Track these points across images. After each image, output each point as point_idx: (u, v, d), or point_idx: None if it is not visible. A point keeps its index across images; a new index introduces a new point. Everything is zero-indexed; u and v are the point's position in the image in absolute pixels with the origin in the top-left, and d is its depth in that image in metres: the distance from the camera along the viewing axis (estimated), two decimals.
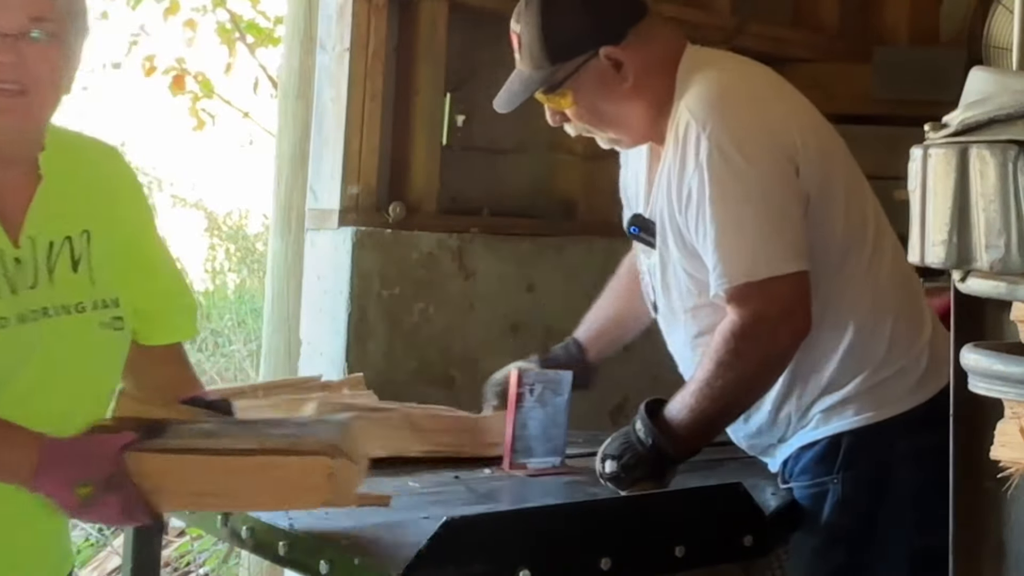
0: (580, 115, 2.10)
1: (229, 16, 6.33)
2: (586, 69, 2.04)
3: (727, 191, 1.91)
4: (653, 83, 2.04)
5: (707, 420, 1.97)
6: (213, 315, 7.82)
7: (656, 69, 2.05)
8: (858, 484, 2.00)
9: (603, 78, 2.04)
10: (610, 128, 2.12)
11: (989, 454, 1.26)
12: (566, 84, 2.05)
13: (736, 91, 2.02)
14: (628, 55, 2.03)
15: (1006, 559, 1.33)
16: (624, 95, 2.05)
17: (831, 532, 2.01)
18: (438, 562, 1.53)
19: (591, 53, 2.03)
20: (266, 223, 7.03)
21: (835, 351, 2.02)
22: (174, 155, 8.53)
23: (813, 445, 2.04)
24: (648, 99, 2.05)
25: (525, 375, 2.22)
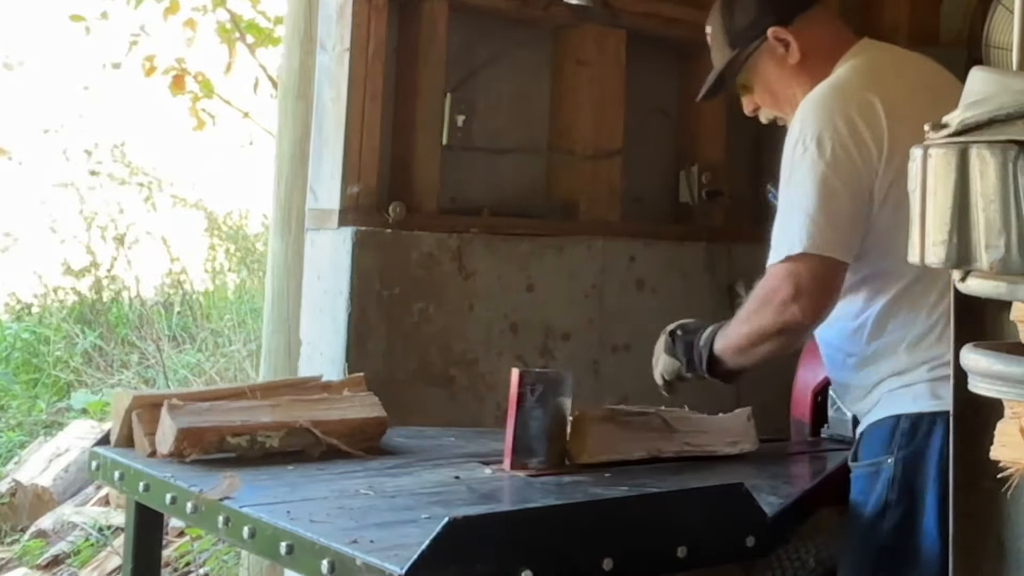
0: (761, 97, 2.41)
1: (229, 16, 6.32)
2: (759, 51, 2.34)
3: (797, 176, 2.13)
4: (816, 66, 2.29)
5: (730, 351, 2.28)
6: (213, 315, 7.82)
7: (819, 54, 2.31)
8: (909, 466, 2.11)
9: (773, 57, 2.33)
10: (785, 106, 2.36)
11: (989, 454, 1.26)
12: (746, 66, 2.36)
13: (843, 92, 2.20)
14: (794, 36, 2.31)
15: (1006, 559, 1.34)
16: (791, 73, 2.32)
17: (882, 508, 2.12)
18: (440, 562, 1.53)
19: (763, 37, 2.33)
20: (266, 223, 7.04)
21: (905, 338, 2.17)
22: (174, 155, 8.51)
23: (877, 425, 2.20)
24: (811, 79, 2.28)
25: (526, 375, 2.22)
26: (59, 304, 8.04)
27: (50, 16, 9.00)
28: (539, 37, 3.35)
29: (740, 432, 2.39)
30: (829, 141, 2.11)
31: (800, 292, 2.10)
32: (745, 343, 2.24)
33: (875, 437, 2.19)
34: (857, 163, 2.11)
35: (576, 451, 2.20)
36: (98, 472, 2.32)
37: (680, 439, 2.30)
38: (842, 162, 2.11)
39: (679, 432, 2.31)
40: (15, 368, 7.29)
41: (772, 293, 2.14)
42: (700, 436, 2.33)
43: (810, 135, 2.13)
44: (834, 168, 2.10)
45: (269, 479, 2.06)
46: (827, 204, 2.10)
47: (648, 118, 3.52)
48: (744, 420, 2.41)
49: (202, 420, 2.19)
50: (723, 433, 2.37)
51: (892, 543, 2.10)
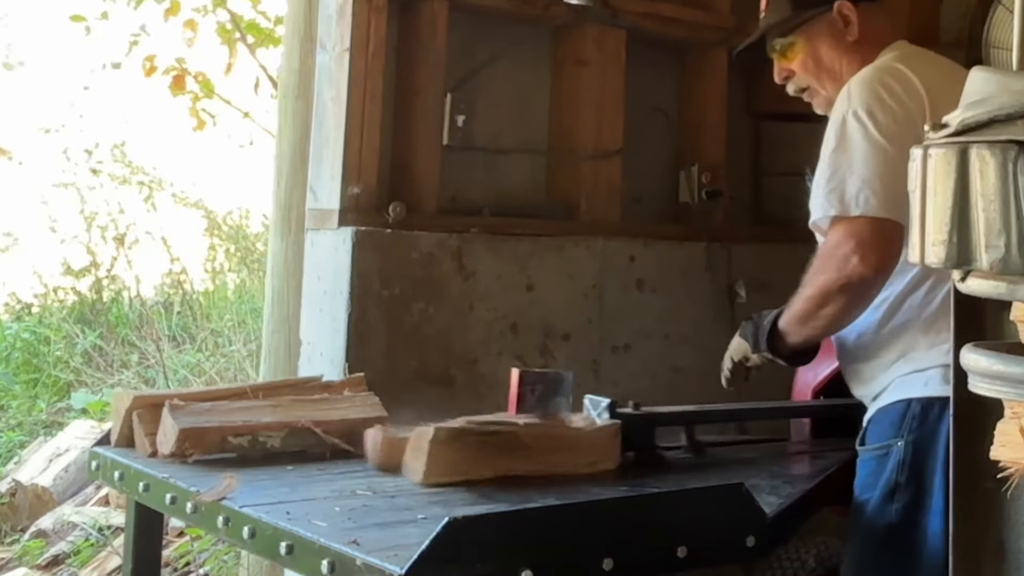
0: (805, 64, 2.42)
1: (229, 16, 6.32)
2: (820, 19, 2.40)
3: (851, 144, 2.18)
4: (867, 50, 2.37)
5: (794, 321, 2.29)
6: (213, 315, 7.81)
7: (872, 40, 2.39)
8: (918, 450, 2.14)
9: (832, 29, 2.39)
10: (828, 81, 2.40)
11: (989, 454, 1.26)
12: (800, 30, 2.40)
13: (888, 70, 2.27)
14: (857, 15, 2.39)
15: (1006, 559, 1.34)
16: (846, 49, 2.39)
17: (891, 491, 2.15)
18: (440, 562, 1.53)
19: (827, 6, 2.40)
20: (266, 223, 7.03)
21: (918, 319, 2.22)
22: (174, 155, 8.52)
23: (887, 409, 2.22)
24: (860, 61, 2.34)
25: (525, 375, 2.23)
26: (59, 304, 8.04)
27: (50, 16, 9.01)
28: (539, 37, 3.35)
29: (602, 450, 2.23)
30: (882, 114, 2.18)
31: (862, 246, 2.13)
32: (810, 307, 2.24)
33: (885, 421, 2.21)
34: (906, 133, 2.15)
35: (414, 469, 2.06)
36: (98, 472, 2.33)
37: (535, 458, 2.14)
38: (894, 133, 2.16)
39: (533, 450, 2.14)
40: (15, 368, 7.30)
41: (834, 248, 2.17)
42: (556, 455, 2.17)
43: (862, 108, 2.18)
44: (887, 138, 2.16)
45: (269, 479, 2.06)
46: (884, 170, 2.14)
47: (648, 118, 3.52)
48: (609, 436, 2.24)
49: (203, 420, 2.19)
50: (583, 451, 2.21)
51: (901, 525, 2.12)
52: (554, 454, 2.16)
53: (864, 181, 2.14)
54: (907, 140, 2.12)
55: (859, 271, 2.14)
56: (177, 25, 6.46)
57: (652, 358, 3.32)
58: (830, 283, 2.18)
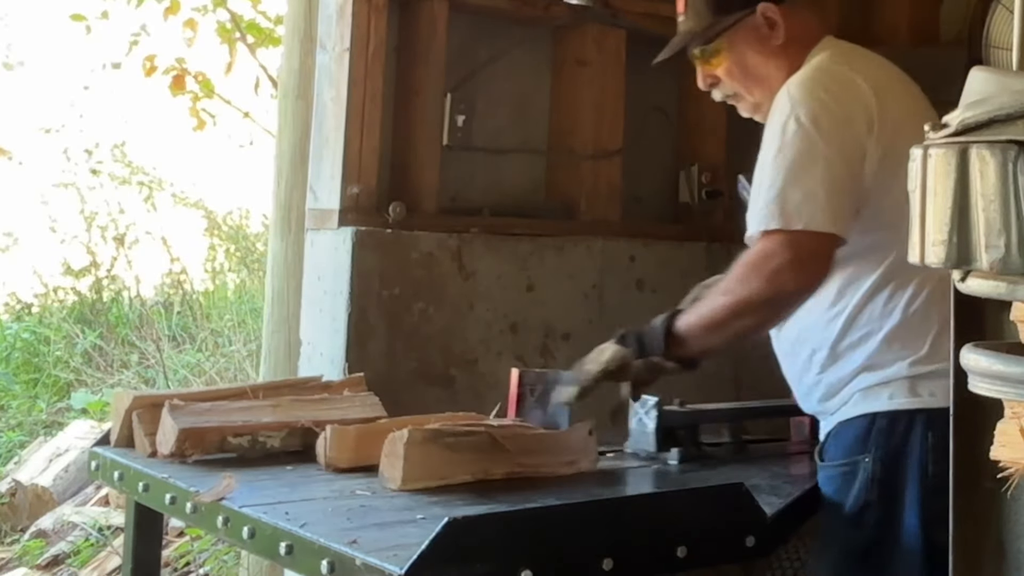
0: (731, 71, 2.30)
1: (229, 16, 6.32)
2: (743, 24, 2.26)
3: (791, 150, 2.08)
4: (795, 51, 2.25)
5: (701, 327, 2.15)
6: (213, 315, 7.81)
7: (800, 40, 2.26)
8: (887, 465, 2.07)
9: (757, 33, 2.26)
10: (755, 87, 2.29)
11: (989, 454, 1.26)
12: (724, 36, 2.27)
13: (829, 74, 2.18)
14: (782, 16, 2.26)
15: (1006, 559, 1.33)
16: (773, 52, 2.26)
17: (860, 509, 2.08)
18: (440, 562, 1.53)
19: (750, 9, 2.26)
20: (266, 223, 7.03)
21: (879, 331, 2.12)
22: (174, 155, 8.52)
23: (850, 423, 2.13)
24: (788, 65, 2.24)
25: (525, 375, 2.23)
26: (59, 304, 8.04)
27: (50, 16, 9.01)
28: (539, 37, 3.35)
29: (579, 449, 2.21)
30: (824, 119, 2.09)
31: (797, 260, 2.04)
32: (725, 315, 2.11)
33: (848, 435, 2.13)
34: (850, 140, 2.09)
35: (391, 476, 2.02)
36: (98, 472, 2.33)
37: (511, 459, 2.11)
38: (836, 139, 2.08)
39: (509, 452, 2.11)
40: (15, 368, 7.30)
41: (764, 260, 2.06)
42: (533, 456, 2.15)
43: (803, 113, 2.09)
44: (829, 144, 2.08)
45: (269, 479, 2.07)
46: (825, 179, 2.06)
47: (648, 118, 3.52)
48: (584, 435, 2.22)
49: (203, 420, 2.20)
50: (560, 451, 2.19)
51: (873, 543, 2.06)
52: (530, 455, 2.14)
53: (806, 192, 2.05)
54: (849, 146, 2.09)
55: (789, 288, 2.05)
56: (177, 25, 6.46)
57: None
58: (754, 295, 2.07)
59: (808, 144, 2.07)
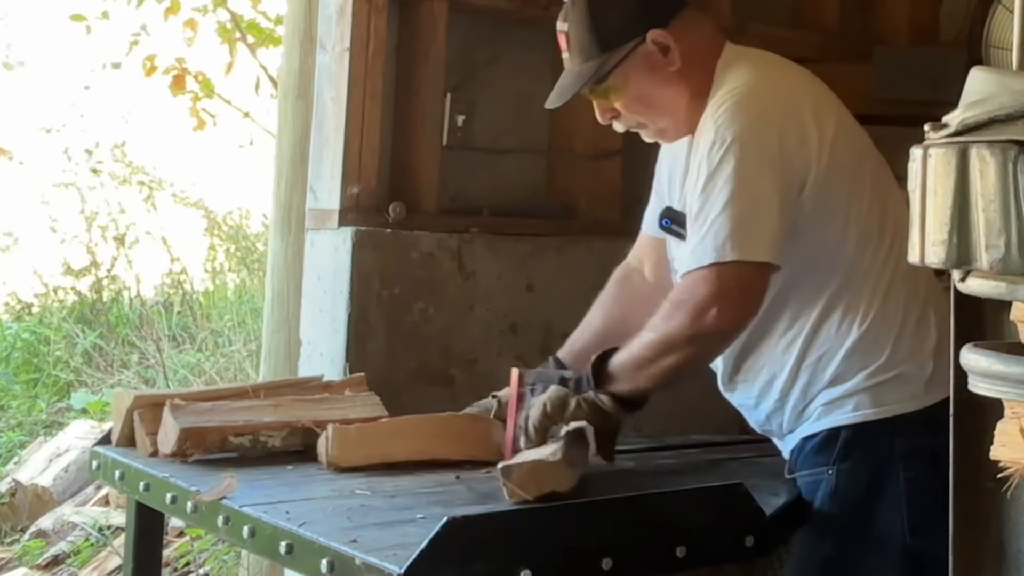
0: (629, 105, 2.17)
1: (230, 16, 6.32)
2: (635, 55, 2.12)
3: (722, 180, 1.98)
4: (696, 71, 2.13)
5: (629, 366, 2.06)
6: (213, 315, 7.81)
7: (698, 57, 2.13)
8: (852, 477, 2.04)
9: (651, 62, 2.12)
10: (659, 116, 2.18)
11: (989, 454, 1.26)
12: (617, 71, 2.13)
13: (756, 91, 2.07)
14: (674, 39, 2.12)
15: (1006, 559, 1.33)
16: (670, 79, 2.13)
17: (823, 523, 2.04)
18: (439, 562, 1.53)
19: (639, 39, 2.12)
20: (266, 223, 7.03)
21: (841, 347, 2.07)
22: (174, 155, 8.52)
23: (814, 437, 2.09)
24: (691, 86, 2.13)
25: (526, 375, 2.22)
26: (59, 304, 8.04)
27: (50, 16, 9.01)
28: (539, 37, 3.34)
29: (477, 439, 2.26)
30: (753, 142, 1.99)
31: (721, 295, 1.95)
32: (649, 354, 2.03)
33: (810, 448, 2.09)
34: (782, 163, 2.00)
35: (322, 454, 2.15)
36: (99, 472, 2.33)
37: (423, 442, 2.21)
38: (767, 163, 1.99)
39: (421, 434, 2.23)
40: (15, 368, 7.30)
41: (688, 295, 1.98)
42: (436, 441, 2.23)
43: (731, 136, 1.98)
44: (759, 168, 1.98)
45: (269, 479, 2.07)
46: (754, 206, 1.97)
47: None
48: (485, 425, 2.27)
49: (204, 420, 2.20)
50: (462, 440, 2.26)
51: (835, 554, 2.03)
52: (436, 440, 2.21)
53: (733, 219, 1.95)
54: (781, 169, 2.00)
55: (714, 325, 1.96)
56: (177, 24, 6.46)
57: None
58: (676, 333, 1.98)
59: (735, 170, 1.97)
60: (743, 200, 1.97)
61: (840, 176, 2.06)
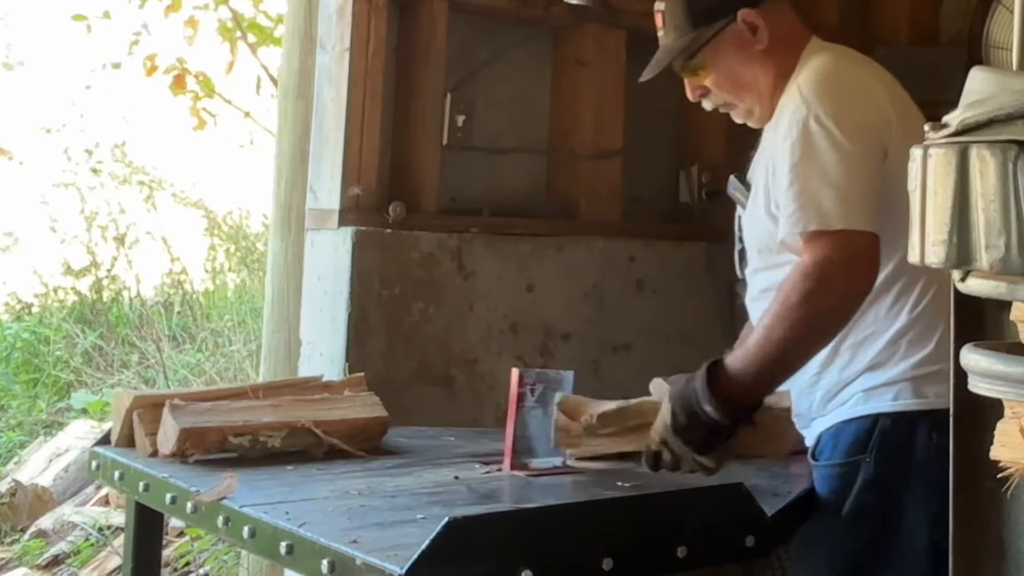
0: (718, 82, 2.25)
1: (231, 15, 6.32)
2: (725, 33, 2.21)
3: (819, 152, 2.04)
4: (782, 53, 2.21)
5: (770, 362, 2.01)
6: (213, 315, 7.81)
7: (785, 41, 2.22)
8: (888, 467, 2.04)
9: (740, 41, 2.21)
10: (745, 94, 2.26)
11: (989, 454, 1.26)
12: (707, 47, 2.21)
13: (844, 75, 2.16)
14: (763, 20, 2.20)
15: (1006, 559, 1.33)
16: (758, 57, 2.21)
17: (857, 511, 2.05)
18: (440, 562, 1.53)
19: (730, 17, 2.20)
20: (266, 223, 7.03)
21: (885, 332, 2.09)
22: (174, 155, 8.52)
23: (851, 423, 2.10)
24: (776, 68, 2.21)
25: (526, 375, 2.22)
26: (59, 304, 8.04)
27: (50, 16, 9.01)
28: (539, 37, 3.35)
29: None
30: (844, 119, 2.05)
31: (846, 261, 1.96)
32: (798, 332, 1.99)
33: (848, 436, 2.09)
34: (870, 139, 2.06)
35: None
36: (98, 472, 2.33)
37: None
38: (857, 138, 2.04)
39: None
40: (15, 368, 7.30)
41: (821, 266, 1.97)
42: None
43: (824, 114, 2.04)
44: (853, 143, 2.03)
45: (269, 479, 2.07)
46: (856, 180, 2.01)
47: (648, 118, 3.52)
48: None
49: (204, 420, 2.20)
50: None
51: (870, 545, 2.03)
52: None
53: (840, 191, 2.00)
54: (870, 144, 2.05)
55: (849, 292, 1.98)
56: (178, 23, 6.46)
57: (652, 358, 3.32)
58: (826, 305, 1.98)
59: (832, 144, 2.03)
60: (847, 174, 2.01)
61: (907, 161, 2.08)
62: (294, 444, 2.26)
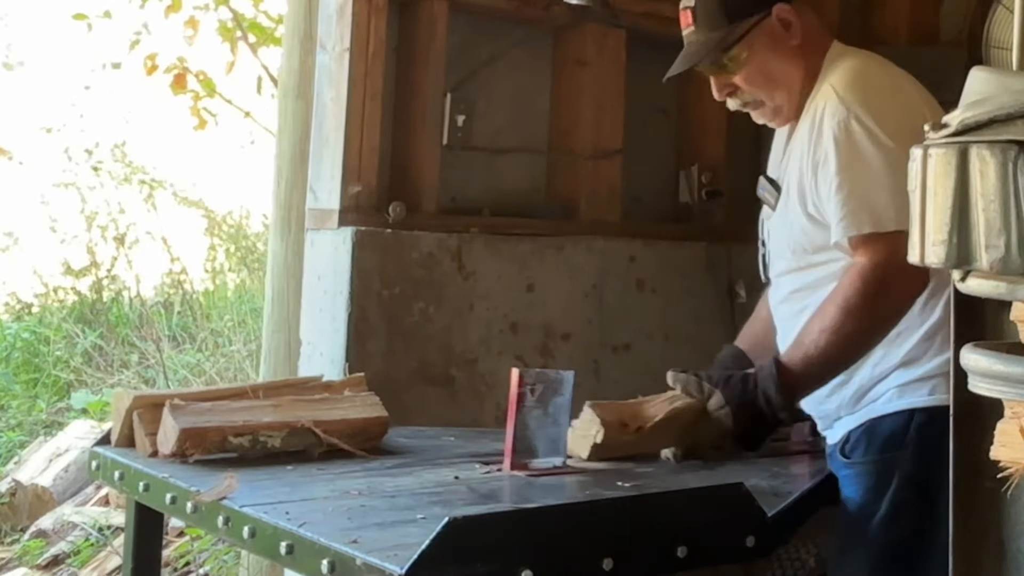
0: (750, 77, 2.25)
1: (231, 15, 6.31)
2: (760, 28, 2.23)
3: (865, 154, 2.05)
4: (812, 52, 2.24)
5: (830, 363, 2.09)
6: (213, 315, 7.81)
7: (814, 40, 2.25)
8: (926, 462, 2.04)
9: (774, 36, 2.23)
10: (777, 90, 2.26)
11: (989, 454, 1.26)
12: (742, 42, 2.22)
13: (878, 76, 2.19)
14: (797, 16, 2.24)
15: (1006, 559, 1.34)
16: (791, 53, 2.23)
17: (898, 506, 2.05)
18: (440, 562, 1.53)
19: (765, 12, 2.23)
20: (266, 223, 7.03)
21: (918, 328, 2.10)
22: (175, 154, 8.51)
23: (885, 419, 2.11)
24: (805, 65, 2.22)
25: (526, 375, 2.22)
26: (59, 304, 8.04)
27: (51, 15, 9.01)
28: (539, 37, 3.35)
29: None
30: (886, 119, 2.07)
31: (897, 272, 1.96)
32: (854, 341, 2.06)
33: (882, 432, 2.10)
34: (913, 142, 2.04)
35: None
36: (98, 472, 2.33)
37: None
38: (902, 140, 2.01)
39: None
40: (15, 368, 7.29)
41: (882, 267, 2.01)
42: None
43: (864, 114, 2.06)
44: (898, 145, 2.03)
45: (269, 479, 2.07)
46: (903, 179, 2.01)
47: (648, 118, 3.52)
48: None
49: (204, 420, 2.19)
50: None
51: (909, 542, 2.04)
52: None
53: (891, 193, 2.01)
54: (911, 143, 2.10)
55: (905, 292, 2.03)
56: (178, 23, 6.46)
57: (652, 358, 3.32)
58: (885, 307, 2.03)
59: (876, 144, 2.05)
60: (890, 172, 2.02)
61: None
62: (294, 444, 2.25)
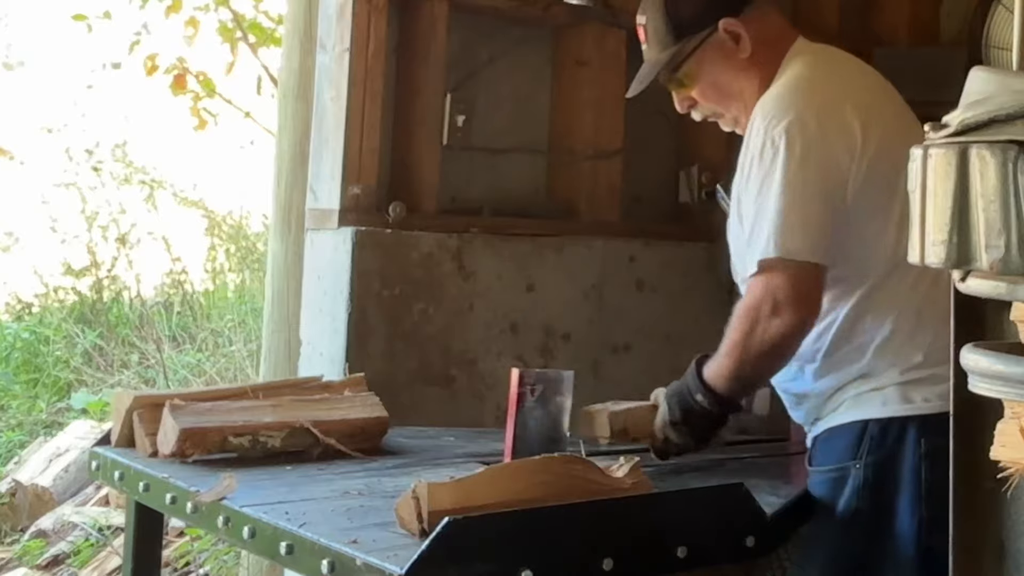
0: (704, 92, 2.26)
1: (231, 15, 6.32)
2: (708, 43, 2.21)
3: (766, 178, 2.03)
4: (766, 60, 2.20)
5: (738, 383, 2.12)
6: (213, 315, 7.81)
7: (769, 47, 2.21)
8: (879, 472, 2.04)
9: (723, 50, 2.20)
10: (731, 103, 2.25)
11: (989, 454, 1.26)
12: (691, 59, 2.22)
13: (808, 88, 2.13)
14: (745, 27, 2.20)
15: (1006, 559, 1.34)
16: (741, 66, 2.20)
17: (850, 518, 2.05)
18: (440, 562, 1.53)
19: (712, 28, 2.20)
20: (266, 223, 7.03)
21: (871, 344, 2.09)
22: (175, 155, 8.51)
23: (840, 429, 2.10)
24: (761, 75, 2.19)
25: (526, 375, 2.22)
26: (59, 304, 8.04)
27: (51, 16, 9.01)
28: (539, 37, 3.35)
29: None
30: (800, 139, 2.02)
31: (781, 304, 2.00)
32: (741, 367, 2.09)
33: (838, 442, 2.10)
34: (829, 161, 2.04)
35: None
36: (98, 472, 2.33)
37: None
38: (813, 161, 2.03)
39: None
40: (15, 368, 7.30)
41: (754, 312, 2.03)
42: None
43: (779, 134, 2.03)
44: (805, 167, 2.02)
45: (269, 479, 2.07)
46: (800, 206, 2.01)
47: (648, 118, 3.52)
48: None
49: (204, 420, 2.20)
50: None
51: (863, 550, 2.03)
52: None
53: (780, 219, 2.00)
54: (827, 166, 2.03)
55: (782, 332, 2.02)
56: (178, 23, 6.46)
57: (652, 358, 3.32)
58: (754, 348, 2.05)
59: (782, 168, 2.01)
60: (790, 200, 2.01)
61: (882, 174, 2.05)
62: (294, 444, 2.25)
